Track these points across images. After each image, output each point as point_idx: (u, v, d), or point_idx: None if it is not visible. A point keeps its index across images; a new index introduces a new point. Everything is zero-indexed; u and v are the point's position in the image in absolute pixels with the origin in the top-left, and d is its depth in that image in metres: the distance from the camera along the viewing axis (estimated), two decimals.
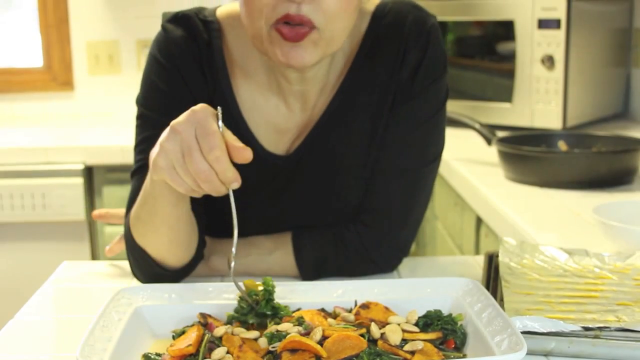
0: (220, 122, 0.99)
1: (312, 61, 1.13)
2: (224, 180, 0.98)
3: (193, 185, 0.99)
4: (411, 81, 1.24)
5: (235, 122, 1.23)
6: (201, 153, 0.96)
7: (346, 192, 1.28)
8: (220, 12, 1.28)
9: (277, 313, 1.01)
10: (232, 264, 1.02)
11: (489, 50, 2.67)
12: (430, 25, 1.25)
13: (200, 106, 1.00)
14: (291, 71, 1.20)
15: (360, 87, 1.25)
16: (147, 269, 1.20)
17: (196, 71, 1.24)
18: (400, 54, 1.24)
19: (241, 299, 1.03)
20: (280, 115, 1.26)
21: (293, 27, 1.09)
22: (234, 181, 0.99)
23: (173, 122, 0.99)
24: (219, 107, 1.01)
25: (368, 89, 1.25)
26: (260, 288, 1.03)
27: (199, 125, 0.97)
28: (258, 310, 1.01)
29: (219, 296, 1.07)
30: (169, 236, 1.15)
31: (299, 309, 1.04)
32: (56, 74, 3.36)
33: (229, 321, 1.02)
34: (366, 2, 1.27)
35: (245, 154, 0.99)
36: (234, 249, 1.02)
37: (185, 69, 1.23)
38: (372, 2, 1.28)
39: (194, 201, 1.15)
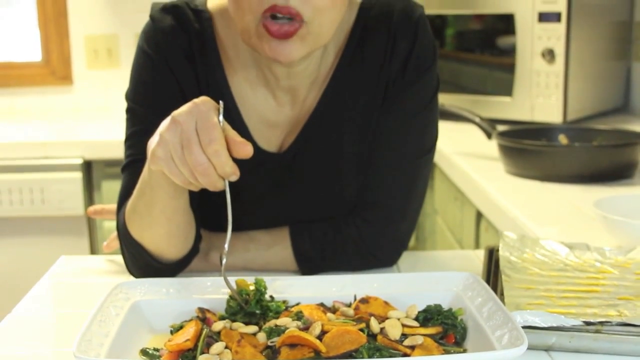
0: (221, 117, 0.98)
1: (299, 56, 1.11)
2: (222, 174, 0.97)
3: (190, 178, 0.98)
4: (402, 73, 1.23)
5: (231, 115, 1.22)
6: (200, 146, 0.95)
7: (342, 186, 1.27)
8: (210, 3, 1.26)
9: (266, 312, 1.00)
10: (224, 261, 1.00)
11: (489, 44, 2.67)
12: (418, 15, 1.24)
13: (202, 99, 0.99)
14: (279, 67, 1.19)
15: (351, 80, 1.24)
16: (143, 263, 1.19)
17: (185, 62, 1.22)
18: (389, 45, 1.23)
19: (231, 297, 1.01)
20: (270, 109, 1.25)
21: (281, 25, 1.07)
22: (232, 174, 0.98)
23: (174, 113, 0.98)
24: (220, 102, 1.00)
25: (358, 81, 1.24)
26: (252, 287, 1.02)
27: (199, 118, 0.96)
28: (247, 310, 1.00)
29: (217, 291, 1.06)
30: (167, 228, 1.14)
31: (298, 304, 1.03)
32: (55, 68, 3.35)
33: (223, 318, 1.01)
34: None
35: (246, 149, 0.98)
36: (226, 245, 1.00)
37: (173, 60, 1.22)
38: None
39: (191, 195, 1.14)
